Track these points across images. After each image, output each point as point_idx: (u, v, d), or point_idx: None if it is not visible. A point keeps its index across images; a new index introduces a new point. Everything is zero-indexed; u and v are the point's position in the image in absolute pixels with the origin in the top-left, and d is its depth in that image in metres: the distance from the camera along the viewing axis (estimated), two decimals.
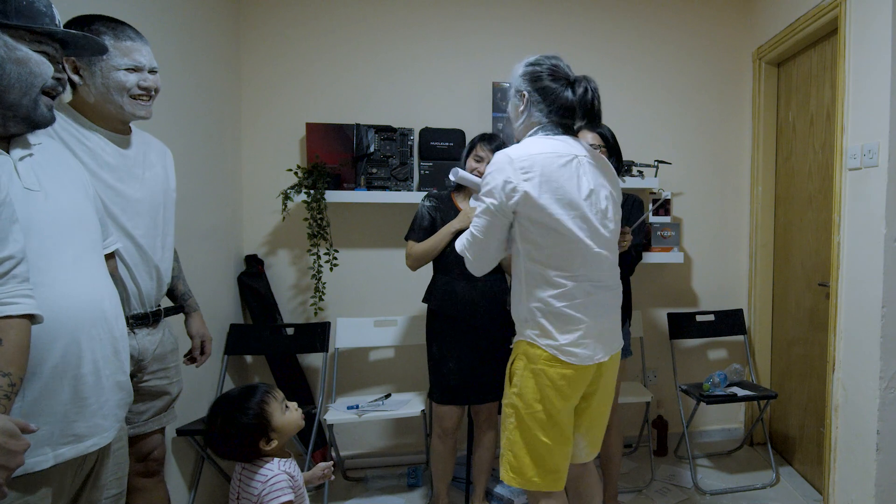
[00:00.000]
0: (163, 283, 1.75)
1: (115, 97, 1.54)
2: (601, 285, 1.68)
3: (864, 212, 2.21)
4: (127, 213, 1.61)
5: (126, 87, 1.54)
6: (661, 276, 3.24)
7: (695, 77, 3.22)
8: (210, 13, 2.55)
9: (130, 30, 1.57)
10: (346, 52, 2.91)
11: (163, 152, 1.79)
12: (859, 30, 2.24)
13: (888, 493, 2.16)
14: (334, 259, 2.80)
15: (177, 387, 1.81)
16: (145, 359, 1.69)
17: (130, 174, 1.63)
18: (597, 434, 1.85)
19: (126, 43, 1.53)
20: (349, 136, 2.80)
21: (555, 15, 3.07)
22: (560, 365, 1.64)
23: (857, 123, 2.25)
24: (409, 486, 2.81)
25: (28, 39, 1.10)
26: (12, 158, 1.13)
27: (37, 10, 1.12)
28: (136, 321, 1.65)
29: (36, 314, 1.06)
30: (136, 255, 1.64)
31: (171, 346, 1.80)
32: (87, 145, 1.54)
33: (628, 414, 3.22)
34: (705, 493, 2.73)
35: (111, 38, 1.51)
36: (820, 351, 2.64)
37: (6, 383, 0.99)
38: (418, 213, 2.37)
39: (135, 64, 1.55)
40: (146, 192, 1.66)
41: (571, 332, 1.64)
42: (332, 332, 2.80)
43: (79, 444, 1.16)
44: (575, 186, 1.61)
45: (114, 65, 1.52)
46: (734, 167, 3.28)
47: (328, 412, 2.59)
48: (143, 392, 1.69)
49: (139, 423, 1.70)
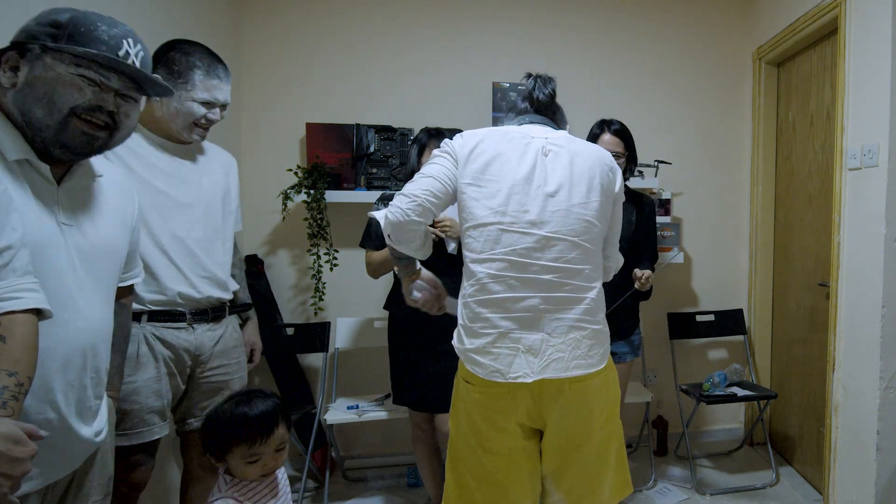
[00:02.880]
0: (221, 284, 1.80)
1: (180, 122, 1.66)
2: (535, 280, 1.37)
3: (864, 212, 2.21)
4: (178, 217, 1.69)
5: (195, 118, 1.66)
6: (661, 276, 3.23)
7: (695, 77, 3.22)
8: (210, 14, 2.55)
9: (222, 68, 1.71)
10: (346, 53, 2.91)
11: (228, 163, 1.92)
12: (859, 30, 2.24)
13: (888, 493, 2.16)
14: (334, 259, 2.80)
15: (239, 382, 1.88)
16: (203, 353, 1.75)
17: (185, 180, 1.72)
18: (581, 488, 1.45)
19: (213, 81, 1.68)
20: (349, 136, 2.80)
21: (555, 15, 3.07)
22: (471, 381, 1.37)
23: (857, 123, 2.25)
24: (409, 486, 2.81)
25: (67, 62, 1.09)
26: (58, 191, 1.14)
27: (93, 38, 1.10)
28: (194, 317, 1.72)
29: (43, 308, 1.02)
30: (188, 257, 1.71)
31: (233, 343, 1.87)
32: (138, 152, 1.64)
33: (628, 414, 3.21)
34: (705, 493, 2.73)
35: (202, 73, 1.66)
36: (820, 351, 2.64)
37: (13, 383, 0.95)
38: (372, 219, 2.21)
39: (212, 100, 1.68)
40: (201, 198, 1.76)
41: (480, 335, 1.35)
42: (332, 332, 2.80)
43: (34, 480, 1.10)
44: (512, 159, 1.42)
45: (193, 96, 1.65)
46: (734, 167, 3.28)
47: (328, 412, 2.59)
48: (205, 387, 1.78)
49: (201, 416, 1.71)
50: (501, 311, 1.36)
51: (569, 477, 1.45)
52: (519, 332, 1.35)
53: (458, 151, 1.44)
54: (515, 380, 1.33)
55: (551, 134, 1.51)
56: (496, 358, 1.34)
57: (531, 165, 1.42)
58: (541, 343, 1.35)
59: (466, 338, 1.37)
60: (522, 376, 1.33)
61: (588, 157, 1.49)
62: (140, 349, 1.63)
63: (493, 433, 1.37)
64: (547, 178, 1.42)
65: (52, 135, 1.10)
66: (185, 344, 1.71)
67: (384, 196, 2.30)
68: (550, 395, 1.37)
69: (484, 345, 1.35)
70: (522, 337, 1.35)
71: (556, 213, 1.40)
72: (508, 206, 1.38)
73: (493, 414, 1.37)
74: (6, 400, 0.93)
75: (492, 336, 1.35)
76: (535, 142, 1.46)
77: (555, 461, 1.44)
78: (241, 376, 1.89)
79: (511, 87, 2.95)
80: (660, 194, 3.02)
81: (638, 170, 3.00)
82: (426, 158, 2.18)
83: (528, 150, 1.44)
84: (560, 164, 1.44)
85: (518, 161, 1.42)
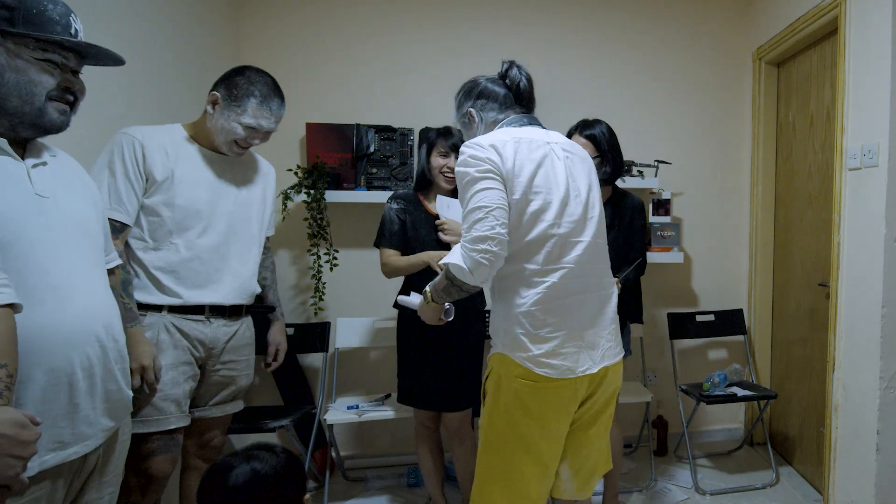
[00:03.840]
0: (249, 292, 1.90)
1: (221, 137, 1.78)
2: (585, 282, 1.50)
3: (864, 212, 2.21)
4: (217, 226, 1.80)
5: (235, 138, 1.78)
6: (661, 276, 3.24)
7: (695, 77, 3.22)
8: (210, 14, 2.55)
9: (277, 102, 1.82)
10: (346, 53, 2.91)
11: (266, 171, 2.04)
12: (859, 30, 2.24)
13: (888, 493, 2.16)
14: (334, 259, 2.80)
15: (245, 379, 1.95)
16: (216, 347, 1.82)
17: (226, 190, 1.83)
18: (591, 466, 1.63)
19: (264, 111, 1.78)
20: (349, 136, 2.80)
21: (555, 15, 3.07)
22: (535, 381, 1.45)
23: (857, 123, 2.25)
24: (409, 486, 2.81)
25: (32, 47, 1.11)
26: (26, 165, 1.15)
27: (47, 19, 1.12)
28: (213, 312, 1.79)
29: (16, 303, 1.04)
30: (223, 266, 1.81)
31: (246, 341, 1.93)
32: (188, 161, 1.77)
33: (628, 414, 3.22)
34: (705, 493, 2.73)
35: (257, 102, 1.76)
36: (820, 351, 2.64)
37: (4, 374, 0.99)
38: (385, 216, 2.25)
39: (256, 126, 1.78)
40: (236, 206, 1.86)
41: (548, 339, 1.45)
42: (332, 332, 2.80)
43: (62, 451, 1.15)
44: (550, 170, 1.49)
45: (240, 120, 1.76)
46: (734, 167, 3.28)
47: (328, 412, 2.60)
48: (212, 380, 1.84)
49: (203, 407, 1.85)
50: (565, 315, 1.47)
51: (582, 454, 1.61)
52: (580, 330, 1.49)
53: (501, 168, 1.43)
54: (584, 373, 1.49)
55: (552, 136, 1.57)
56: (566, 357, 1.46)
57: (565, 174, 1.51)
58: (595, 337, 1.52)
59: (533, 344, 1.45)
60: (588, 368, 1.49)
61: (585, 158, 1.62)
62: (160, 336, 1.71)
63: (557, 418, 1.50)
64: (578, 185, 1.53)
65: (30, 120, 1.14)
66: (201, 336, 1.78)
67: (396, 195, 2.31)
68: (598, 380, 1.54)
69: (553, 348, 1.45)
70: (584, 334, 1.50)
71: (591, 219, 1.54)
72: (562, 218, 1.48)
73: (557, 403, 1.49)
74: (1, 390, 0.97)
75: (559, 339, 1.46)
76: (554, 147, 1.53)
77: (577, 438, 1.59)
78: (247, 374, 1.96)
79: None
80: (660, 194, 3.02)
81: (638, 170, 3.01)
82: (434, 159, 2.20)
83: (554, 157, 1.52)
84: (578, 170, 1.56)
85: (554, 171, 1.50)
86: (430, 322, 1.67)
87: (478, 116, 1.63)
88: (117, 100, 1.88)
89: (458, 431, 2.28)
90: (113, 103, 1.85)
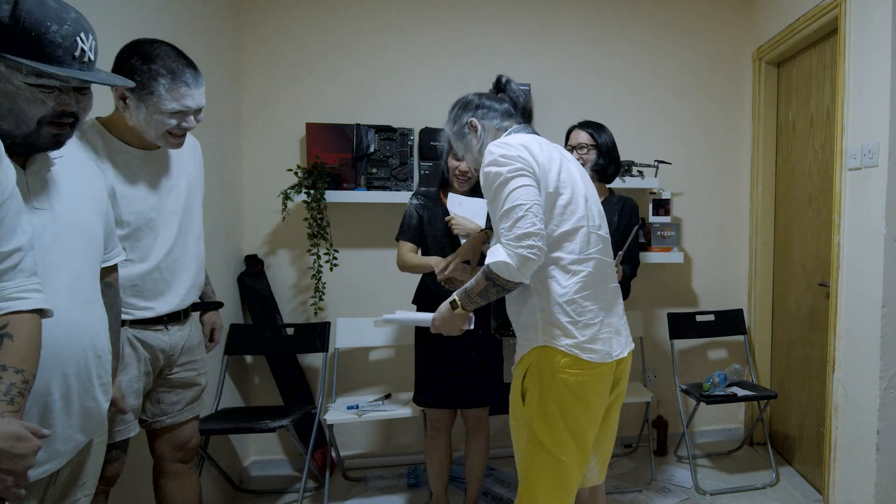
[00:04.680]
0: (196, 283, 1.82)
1: (153, 132, 1.57)
2: (606, 272, 1.62)
3: (864, 212, 2.21)
4: (168, 229, 1.68)
5: (167, 129, 1.57)
6: (661, 276, 3.24)
7: (695, 77, 3.22)
8: (210, 14, 2.55)
9: (190, 73, 1.56)
10: (346, 53, 2.91)
11: (193, 148, 1.84)
12: (859, 30, 2.24)
13: (888, 493, 2.16)
14: (334, 259, 2.80)
15: (204, 378, 1.90)
16: (175, 353, 1.77)
17: (169, 189, 1.71)
18: (608, 450, 1.75)
19: (181, 89, 1.54)
20: (349, 136, 2.80)
21: (554, 15, 3.07)
22: (582, 368, 1.51)
23: (857, 123, 2.25)
24: (409, 486, 2.81)
25: (24, 72, 1.04)
26: (26, 175, 1.12)
27: (47, 42, 1.04)
28: (170, 319, 1.74)
29: (45, 308, 1.04)
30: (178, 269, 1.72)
31: (197, 339, 1.89)
32: (122, 165, 1.59)
33: (628, 414, 3.22)
34: (705, 493, 2.73)
35: (168, 80, 1.52)
36: (820, 351, 2.64)
37: (20, 380, 0.98)
38: (406, 211, 2.35)
39: (182, 109, 1.56)
40: (179, 203, 1.74)
41: (590, 325, 1.53)
42: (332, 332, 2.80)
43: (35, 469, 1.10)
44: (566, 168, 1.59)
45: (162, 108, 1.52)
46: (734, 167, 3.28)
47: (328, 412, 2.60)
48: (174, 383, 1.80)
49: (174, 412, 1.80)
50: (599, 302, 1.57)
51: (605, 441, 1.72)
52: (609, 317, 1.60)
53: (533, 165, 1.50)
54: (618, 357, 1.59)
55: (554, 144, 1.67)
56: (604, 342, 1.56)
57: (578, 173, 1.63)
58: (618, 323, 1.64)
59: (578, 331, 1.52)
60: (620, 353, 1.60)
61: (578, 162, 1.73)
62: (124, 350, 1.63)
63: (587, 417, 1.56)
64: (586, 184, 1.64)
65: (21, 140, 1.09)
66: (162, 344, 1.72)
67: (418, 192, 2.40)
68: (624, 365, 1.65)
69: (594, 333, 1.54)
70: (612, 321, 1.60)
71: (600, 213, 1.66)
72: (589, 211, 1.59)
73: (601, 388, 1.57)
74: (14, 396, 0.97)
75: (597, 325, 1.55)
76: (562, 150, 1.65)
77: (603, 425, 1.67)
78: (205, 371, 1.92)
79: None
80: (660, 194, 3.02)
81: (638, 170, 3.01)
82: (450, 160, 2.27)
83: (563, 158, 1.61)
84: (580, 170, 1.67)
85: (569, 169, 1.59)
86: (450, 333, 1.67)
87: (480, 125, 1.66)
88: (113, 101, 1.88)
89: (476, 426, 2.36)
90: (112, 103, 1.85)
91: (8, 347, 0.99)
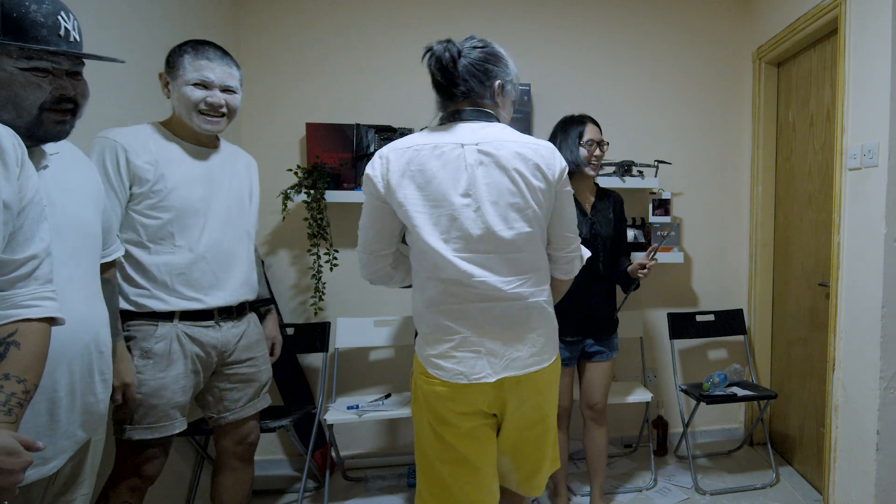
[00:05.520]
0: (248, 281, 1.89)
1: (184, 111, 1.69)
2: (486, 294, 1.42)
3: (864, 212, 2.21)
4: (215, 222, 1.76)
5: (193, 103, 1.67)
6: (661, 276, 3.24)
7: (695, 77, 3.22)
8: (210, 14, 2.55)
9: (212, 50, 1.71)
10: (346, 53, 2.91)
11: (249, 163, 1.99)
12: (859, 30, 2.24)
13: (888, 493, 2.16)
14: (334, 259, 2.80)
15: (265, 374, 1.98)
16: (228, 350, 1.84)
17: (218, 184, 1.78)
18: (527, 464, 1.59)
19: (201, 61, 1.67)
20: (349, 136, 2.80)
21: (554, 15, 3.07)
22: (431, 380, 1.44)
23: (857, 123, 2.25)
24: (409, 486, 2.81)
25: (15, 56, 1.03)
26: None
27: (29, 23, 1.03)
28: (221, 315, 1.80)
29: (57, 317, 1.03)
30: (226, 264, 1.79)
31: (256, 337, 1.96)
32: (175, 158, 1.70)
33: (628, 414, 3.22)
34: (705, 493, 2.73)
35: (190, 56, 1.67)
36: (820, 351, 2.64)
37: (20, 390, 0.96)
38: None
39: (202, 79, 1.67)
40: (231, 200, 1.82)
41: (441, 342, 1.43)
42: (332, 332, 2.80)
43: (43, 466, 1.13)
44: (451, 179, 1.39)
45: (185, 80, 1.66)
46: (734, 167, 3.28)
47: (328, 412, 2.60)
48: (234, 379, 1.88)
49: (236, 409, 1.89)
50: (460, 320, 1.47)
51: (523, 454, 1.58)
52: (478, 337, 1.47)
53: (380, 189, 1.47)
54: (480, 380, 1.44)
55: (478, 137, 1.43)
56: (459, 361, 1.46)
57: (467, 183, 1.41)
58: (496, 346, 1.48)
59: (428, 345, 1.47)
60: (486, 376, 1.45)
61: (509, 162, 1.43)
62: (172, 346, 1.70)
63: (444, 427, 1.48)
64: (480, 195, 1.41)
65: (25, 131, 1.08)
66: (213, 341, 1.78)
67: None
68: (509, 388, 1.48)
69: (445, 351, 1.46)
70: (482, 342, 1.46)
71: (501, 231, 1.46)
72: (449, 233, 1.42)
73: (458, 407, 1.47)
74: (12, 407, 0.95)
75: (452, 342, 1.46)
76: (466, 153, 1.42)
77: (513, 440, 1.55)
78: (266, 368, 2.00)
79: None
80: (660, 194, 3.02)
81: (638, 170, 3.01)
82: None
83: (458, 165, 1.41)
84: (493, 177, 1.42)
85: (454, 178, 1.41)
86: None
87: None
88: (115, 100, 1.88)
89: None
90: (111, 103, 1.85)
91: (13, 356, 0.97)
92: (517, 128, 1.55)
